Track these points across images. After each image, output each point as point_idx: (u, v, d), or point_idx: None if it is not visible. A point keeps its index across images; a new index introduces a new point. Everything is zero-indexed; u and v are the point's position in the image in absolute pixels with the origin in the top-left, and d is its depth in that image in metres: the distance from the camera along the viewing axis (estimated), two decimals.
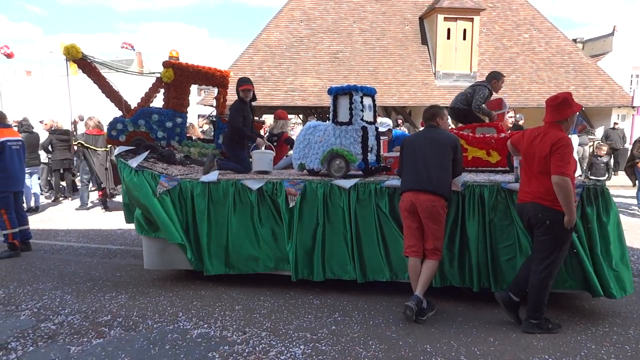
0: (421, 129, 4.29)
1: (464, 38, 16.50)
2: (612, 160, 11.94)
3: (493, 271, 3.99)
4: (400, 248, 4.13)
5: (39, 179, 9.94)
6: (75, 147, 9.82)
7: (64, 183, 10.96)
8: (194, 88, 7.13)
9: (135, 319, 3.87)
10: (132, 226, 5.11)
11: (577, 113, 3.76)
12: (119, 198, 9.92)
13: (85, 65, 5.31)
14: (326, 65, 16.36)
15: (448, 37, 16.50)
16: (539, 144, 3.45)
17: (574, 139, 10.28)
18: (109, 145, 9.13)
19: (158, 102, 5.76)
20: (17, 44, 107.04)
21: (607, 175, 10.31)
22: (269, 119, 13.76)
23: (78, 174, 10.64)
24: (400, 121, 13.39)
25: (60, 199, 10.54)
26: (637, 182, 9.22)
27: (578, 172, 10.23)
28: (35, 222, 7.82)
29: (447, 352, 3.29)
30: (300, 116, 23.35)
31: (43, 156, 10.23)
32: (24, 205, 7.96)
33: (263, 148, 5.13)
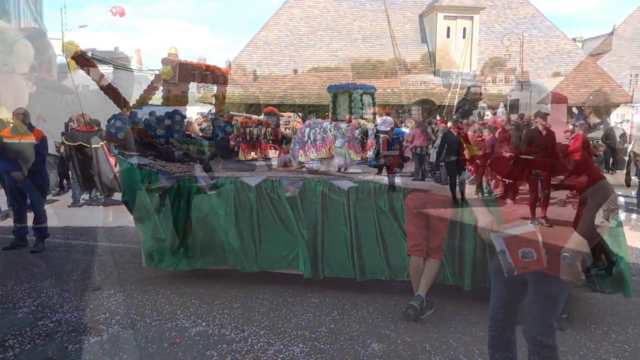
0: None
1: (464, 36, 16.49)
2: (611, 159, 11.95)
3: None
4: (399, 247, 4.12)
5: None
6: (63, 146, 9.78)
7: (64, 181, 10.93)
8: (192, 85, 7.10)
9: (133, 317, 3.86)
10: (130, 223, 5.10)
11: (578, 112, 3.82)
12: (117, 195, 9.90)
13: (84, 62, 5.28)
14: (325, 63, 16.32)
15: (448, 36, 16.49)
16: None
17: None
18: (100, 143, 9.13)
19: (157, 99, 5.74)
20: None
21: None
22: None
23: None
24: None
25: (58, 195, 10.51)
26: (637, 180, 9.20)
27: None
28: (33, 219, 7.76)
29: (445, 351, 3.29)
30: (300, 114, 23.31)
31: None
32: None
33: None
